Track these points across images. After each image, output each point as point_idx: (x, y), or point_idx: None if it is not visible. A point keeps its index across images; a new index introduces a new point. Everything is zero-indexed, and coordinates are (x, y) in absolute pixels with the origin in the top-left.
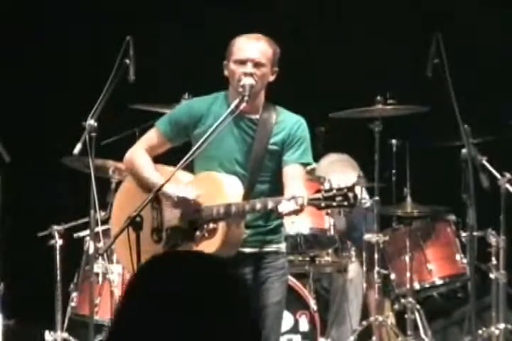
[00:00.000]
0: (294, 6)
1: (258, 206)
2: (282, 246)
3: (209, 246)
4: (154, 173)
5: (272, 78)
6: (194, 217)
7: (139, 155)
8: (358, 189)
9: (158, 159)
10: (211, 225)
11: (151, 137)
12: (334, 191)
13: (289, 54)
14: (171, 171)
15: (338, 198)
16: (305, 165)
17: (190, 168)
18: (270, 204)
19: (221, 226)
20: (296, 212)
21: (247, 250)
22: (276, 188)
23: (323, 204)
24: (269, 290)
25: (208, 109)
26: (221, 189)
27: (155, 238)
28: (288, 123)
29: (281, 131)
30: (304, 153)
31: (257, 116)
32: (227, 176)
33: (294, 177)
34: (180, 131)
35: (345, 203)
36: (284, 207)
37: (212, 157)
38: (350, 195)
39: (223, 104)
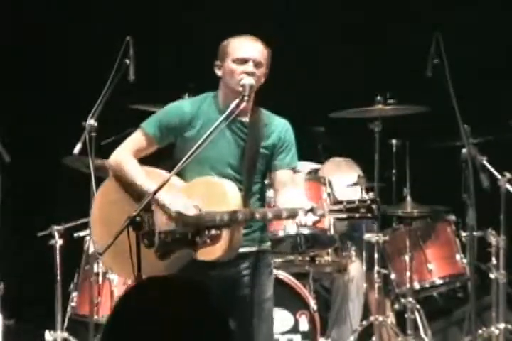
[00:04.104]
0: (294, 5)
1: (270, 215)
2: (269, 245)
3: (212, 253)
4: (145, 179)
5: (263, 80)
6: (192, 222)
7: (126, 158)
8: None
9: (143, 159)
10: (213, 231)
11: (137, 139)
12: (357, 203)
13: (289, 54)
14: (158, 173)
15: (362, 210)
16: (294, 168)
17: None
18: (284, 215)
19: (225, 232)
20: (315, 223)
21: (242, 249)
22: (263, 187)
23: (345, 216)
24: (262, 286)
25: (197, 110)
26: (223, 194)
27: (146, 243)
28: (277, 126)
29: (270, 134)
30: (293, 158)
31: (247, 119)
32: (225, 180)
33: (286, 182)
34: (169, 133)
35: (369, 215)
36: (305, 219)
37: (203, 159)
38: (374, 206)
39: (212, 104)
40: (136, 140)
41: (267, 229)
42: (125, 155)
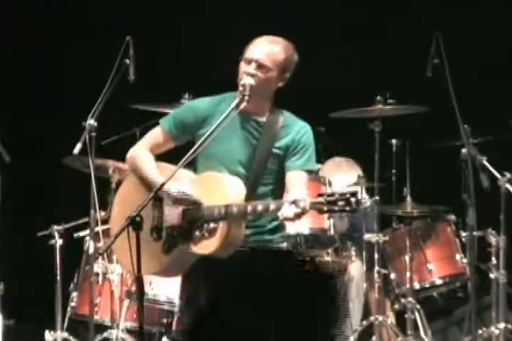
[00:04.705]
0: (294, 5)
1: (260, 208)
2: (282, 246)
3: (208, 246)
4: (156, 173)
5: (280, 84)
6: (194, 216)
7: (141, 153)
8: (360, 194)
9: (161, 157)
10: (211, 225)
11: (155, 135)
12: (337, 195)
13: None
14: (172, 169)
15: (341, 203)
16: (309, 171)
17: (192, 166)
18: (272, 207)
19: (221, 226)
20: (298, 216)
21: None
22: (279, 190)
23: (325, 209)
24: None
25: (214, 109)
26: (223, 190)
27: (154, 236)
28: (293, 128)
29: (286, 135)
30: (308, 160)
31: (264, 119)
32: (231, 177)
33: (297, 184)
34: (185, 130)
35: (348, 208)
36: (287, 211)
37: (214, 155)
38: (353, 200)
39: (229, 104)
40: (153, 136)
41: (281, 231)
42: (140, 151)
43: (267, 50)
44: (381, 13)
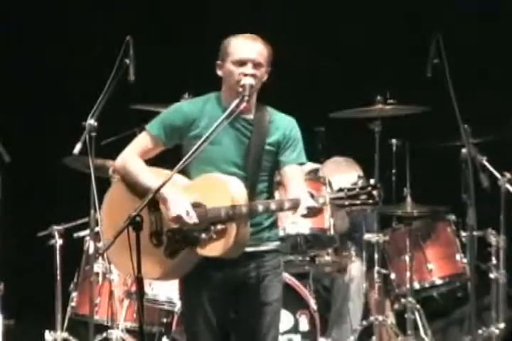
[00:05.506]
0: (294, 5)
1: (273, 207)
2: (278, 244)
3: (217, 248)
4: (152, 178)
5: (265, 78)
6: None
7: (132, 160)
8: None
9: (148, 161)
10: (219, 226)
11: (142, 141)
12: (358, 189)
13: (289, 54)
14: (166, 174)
15: (363, 196)
16: (301, 164)
17: (182, 170)
18: (287, 205)
19: (231, 227)
20: (316, 213)
21: (250, 249)
22: (272, 186)
23: (346, 203)
24: (268, 288)
25: (200, 111)
26: (226, 190)
27: (154, 242)
28: (281, 123)
29: (275, 131)
30: (300, 154)
31: (251, 116)
32: (229, 177)
33: (294, 178)
34: (173, 134)
35: (370, 201)
36: (304, 208)
37: (208, 159)
38: (375, 192)
39: (216, 104)
40: (141, 142)
41: (277, 226)
42: (130, 157)
43: (257, 49)
44: (379, 14)
